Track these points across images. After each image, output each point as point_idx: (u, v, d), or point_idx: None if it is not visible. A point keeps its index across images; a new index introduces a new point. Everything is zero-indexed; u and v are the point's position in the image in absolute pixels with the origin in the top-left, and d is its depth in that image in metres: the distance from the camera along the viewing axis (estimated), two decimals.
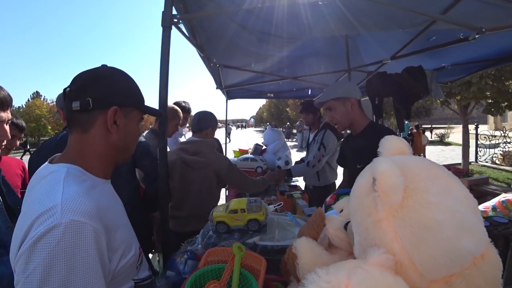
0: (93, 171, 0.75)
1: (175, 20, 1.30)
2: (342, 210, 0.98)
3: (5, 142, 1.12)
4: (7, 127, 1.09)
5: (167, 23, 1.25)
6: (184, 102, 3.05)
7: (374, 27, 2.12)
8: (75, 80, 0.76)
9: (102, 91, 0.74)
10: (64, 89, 0.77)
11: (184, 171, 1.91)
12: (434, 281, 0.54)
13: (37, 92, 39.71)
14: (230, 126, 36.58)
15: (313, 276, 0.47)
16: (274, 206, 1.26)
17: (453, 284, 0.54)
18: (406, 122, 11.72)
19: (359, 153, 1.73)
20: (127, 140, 0.81)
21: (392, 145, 0.72)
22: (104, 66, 0.81)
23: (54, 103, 31.83)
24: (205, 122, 2.04)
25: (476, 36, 1.65)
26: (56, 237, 0.56)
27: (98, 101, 0.73)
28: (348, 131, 1.93)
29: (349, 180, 1.93)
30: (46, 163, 0.77)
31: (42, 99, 35.19)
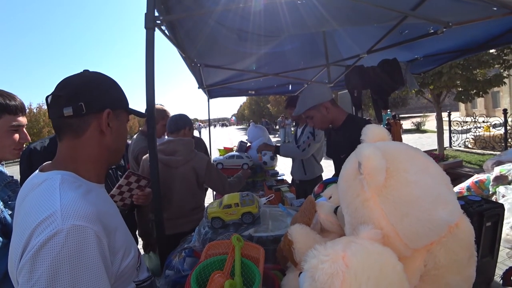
0: (87, 176, 0.75)
1: (158, 21, 1.31)
2: (330, 197, 1.04)
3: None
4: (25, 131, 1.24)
5: (150, 25, 1.25)
6: (161, 105, 3.01)
7: (349, 23, 2.20)
8: (62, 86, 0.75)
9: (94, 95, 0.75)
10: (47, 97, 0.75)
11: (163, 172, 1.90)
12: (417, 250, 0.60)
13: None
14: (201, 125, 36.33)
15: (313, 252, 0.52)
16: (266, 199, 1.31)
17: (433, 251, 0.61)
18: (388, 112, 12.19)
19: (341, 144, 1.87)
20: (119, 141, 0.83)
21: (373, 133, 0.79)
22: (87, 71, 0.81)
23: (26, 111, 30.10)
24: (181, 122, 2.06)
25: (444, 30, 1.76)
26: (59, 244, 0.56)
27: (91, 105, 0.74)
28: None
29: (336, 170, 2.03)
30: (37, 171, 0.76)
31: None
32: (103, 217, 0.67)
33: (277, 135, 24.31)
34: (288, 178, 3.40)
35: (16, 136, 1.20)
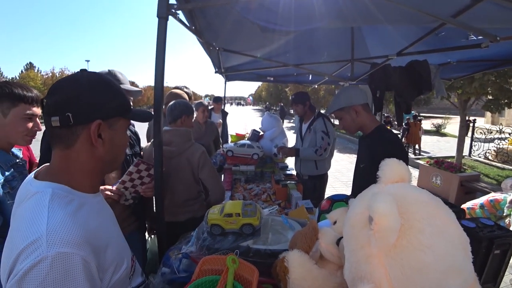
0: (80, 188, 0.72)
1: (173, 10, 1.22)
2: (335, 222, 0.99)
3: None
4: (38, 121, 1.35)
5: (163, 14, 1.15)
6: (185, 87, 2.98)
7: (384, 21, 2.04)
8: (52, 92, 0.70)
9: (82, 105, 0.69)
10: (42, 100, 0.72)
11: None
12: None
13: (30, 63, 38.56)
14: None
15: None
16: (269, 210, 1.27)
17: None
18: (412, 111, 11.70)
19: (363, 153, 1.84)
20: (114, 151, 0.78)
21: (392, 171, 0.72)
22: (82, 72, 0.75)
23: (49, 75, 31.14)
24: (177, 111, 1.99)
25: (489, 44, 1.60)
26: (44, 271, 0.55)
27: (79, 116, 0.68)
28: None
29: (354, 178, 1.97)
30: (32, 177, 0.73)
31: (36, 71, 34.03)
32: (93, 236, 0.65)
33: (291, 121, 24.14)
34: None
35: (30, 124, 1.30)
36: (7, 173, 1.21)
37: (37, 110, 1.31)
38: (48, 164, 0.75)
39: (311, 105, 3.29)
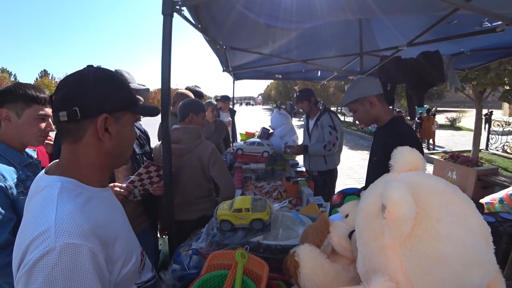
0: (88, 182, 0.73)
1: (177, 6, 1.22)
2: (347, 215, 0.96)
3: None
4: (50, 121, 1.36)
5: (168, 11, 1.16)
6: (196, 86, 3.00)
7: (392, 11, 1.99)
8: (59, 87, 0.72)
9: (88, 99, 0.70)
10: (50, 96, 0.73)
11: None
12: None
13: (45, 70, 39.87)
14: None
15: None
16: (279, 206, 1.25)
17: None
18: (425, 105, 11.40)
19: (376, 146, 1.79)
20: (121, 146, 0.78)
21: (405, 159, 0.69)
22: (89, 68, 0.76)
23: None
24: (186, 109, 2.01)
25: (505, 27, 1.52)
26: (52, 262, 0.56)
27: (85, 110, 0.69)
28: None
29: (367, 172, 1.92)
30: (43, 172, 0.75)
31: (50, 78, 35.15)
32: (102, 229, 0.66)
33: (301, 119, 23.97)
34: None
35: (43, 124, 1.33)
36: (20, 173, 1.24)
37: (50, 111, 1.33)
38: (58, 159, 0.76)
39: (316, 101, 3.29)
